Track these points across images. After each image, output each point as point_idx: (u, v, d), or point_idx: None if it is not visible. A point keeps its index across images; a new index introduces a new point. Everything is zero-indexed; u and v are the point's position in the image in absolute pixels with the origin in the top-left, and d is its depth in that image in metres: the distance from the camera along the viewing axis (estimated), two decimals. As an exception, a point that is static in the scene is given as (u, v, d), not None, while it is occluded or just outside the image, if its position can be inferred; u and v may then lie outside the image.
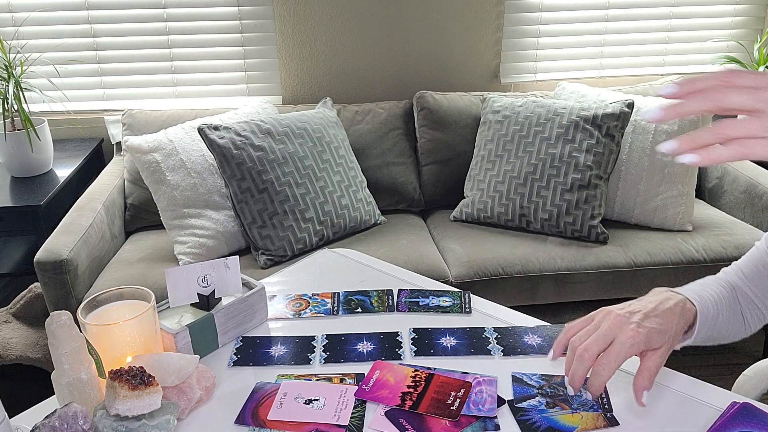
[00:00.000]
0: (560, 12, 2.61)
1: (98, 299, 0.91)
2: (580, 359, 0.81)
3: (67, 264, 1.84)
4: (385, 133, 2.39)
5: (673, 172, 2.14)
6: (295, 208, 2.01)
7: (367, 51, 2.59)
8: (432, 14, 2.56)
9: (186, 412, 0.86)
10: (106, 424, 0.78)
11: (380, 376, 0.93)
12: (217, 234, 2.03)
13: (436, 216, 2.37)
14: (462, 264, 2.01)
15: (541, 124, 2.14)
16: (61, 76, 2.50)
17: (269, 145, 2.03)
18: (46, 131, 2.30)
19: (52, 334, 0.80)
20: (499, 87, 2.70)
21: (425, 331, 1.04)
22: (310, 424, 0.84)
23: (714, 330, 0.91)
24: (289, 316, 1.10)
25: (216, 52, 2.53)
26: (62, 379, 0.82)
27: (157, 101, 2.57)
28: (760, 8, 2.70)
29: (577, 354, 0.82)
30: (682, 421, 0.84)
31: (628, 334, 0.80)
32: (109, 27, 2.45)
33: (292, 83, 2.61)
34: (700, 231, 2.14)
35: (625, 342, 0.80)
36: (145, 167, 2.06)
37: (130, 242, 2.21)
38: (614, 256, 2.03)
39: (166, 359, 0.86)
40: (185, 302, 0.99)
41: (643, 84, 2.54)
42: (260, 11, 2.48)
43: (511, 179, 2.14)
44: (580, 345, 0.82)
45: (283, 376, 0.94)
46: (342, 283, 1.19)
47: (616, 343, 0.81)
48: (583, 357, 0.81)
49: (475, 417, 0.85)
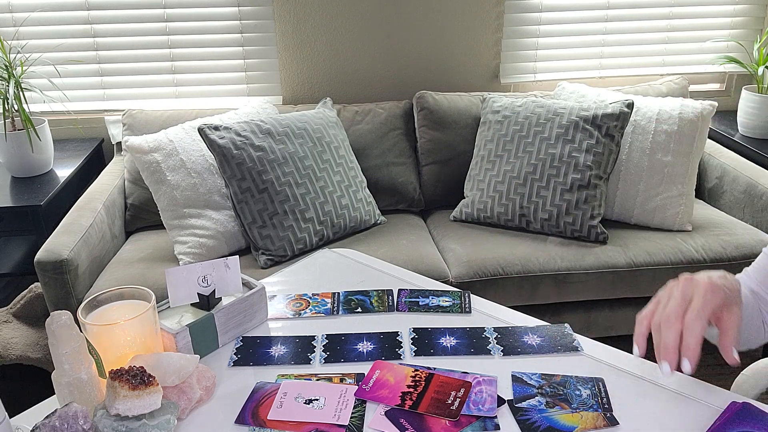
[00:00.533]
0: (560, 12, 2.61)
1: (98, 299, 0.91)
2: (668, 324, 0.78)
3: (67, 264, 1.84)
4: (385, 133, 2.39)
5: (673, 172, 2.14)
6: (295, 208, 2.01)
7: (367, 51, 2.59)
8: (432, 14, 2.56)
9: (186, 411, 0.86)
10: (107, 423, 0.78)
11: (380, 376, 0.93)
12: (217, 234, 2.03)
13: (436, 216, 2.37)
14: (462, 264, 2.02)
15: (540, 124, 2.14)
16: (62, 76, 2.50)
17: (269, 145, 2.03)
18: (46, 131, 2.30)
19: (52, 334, 0.80)
20: (499, 87, 2.70)
21: (425, 331, 1.04)
22: (310, 423, 0.84)
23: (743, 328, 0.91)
24: (289, 316, 1.10)
25: (216, 53, 2.53)
26: (62, 379, 0.82)
27: (157, 101, 2.57)
28: (760, 8, 2.70)
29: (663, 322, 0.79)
30: (682, 421, 0.84)
31: (705, 287, 0.79)
32: (110, 27, 2.46)
33: (292, 83, 2.61)
34: (700, 231, 2.14)
35: (706, 291, 0.79)
36: (145, 167, 2.06)
37: (131, 242, 2.21)
38: (614, 256, 2.03)
39: (166, 359, 0.86)
40: (185, 302, 1.00)
41: (643, 84, 2.54)
42: (260, 11, 2.49)
43: (511, 179, 2.14)
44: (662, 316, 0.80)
45: (283, 376, 0.94)
46: (342, 283, 1.20)
47: (696, 296, 0.79)
48: (669, 321, 0.79)
49: (475, 417, 0.85)
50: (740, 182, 2.26)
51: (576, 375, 0.93)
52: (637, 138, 2.17)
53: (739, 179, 2.27)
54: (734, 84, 2.84)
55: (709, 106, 2.15)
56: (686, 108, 2.16)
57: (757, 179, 2.21)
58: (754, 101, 2.50)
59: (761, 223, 2.17)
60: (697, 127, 2.14)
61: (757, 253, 2.00)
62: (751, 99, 2.51)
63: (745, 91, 2.55)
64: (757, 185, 2.19)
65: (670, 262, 2.03)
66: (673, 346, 0.78)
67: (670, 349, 0.78)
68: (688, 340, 0.77)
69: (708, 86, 2.85)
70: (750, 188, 2.22)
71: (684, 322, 0.78)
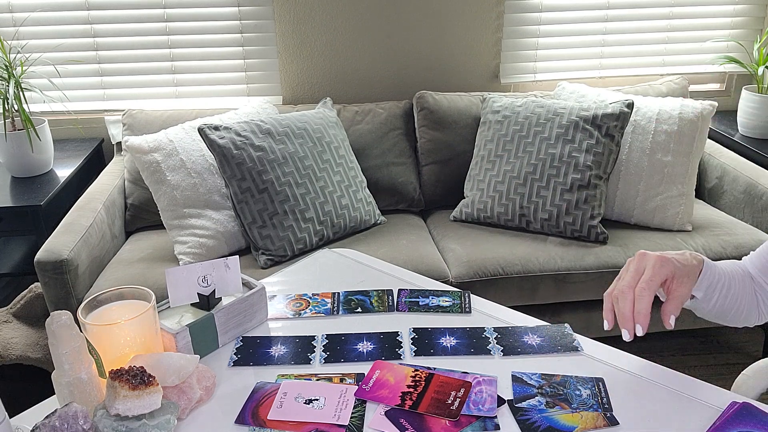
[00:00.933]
0: (560, 12, 2.61)
1: (98, 299, 0.91)
2: (623, 296, 0.88)
3: (67, 264, 1.84)
4: (385, 133, 2.39)
5: (673, 173, 2.14)
6: (295, 208, 2.01)
7: (367, 51, 2.59)
8: (432, 14, 2.56)
9: (186, 411, 0.86)
10: (107, 423, 0.78)
11: (380, 376, 0.93)
12: (217, 234, 2.03)
13: (436, 216, 2.37)
14: (462, 264, 2.02)
15: (540, 124, 2.14)
16: (62, 76, 2.50)
17: (269, 145, 2.03)
18: (46, 131, 2.30)
19: (52, 334, 0.80)
20: (499, 87, 2.70)
21: (425, 331, 1.04)
22: (310, 423, 0.84)
23: (726, 300, 0.95)
24: (289, 316, 1.10)
25: (216, 53, 2.53)
26: (62, 379, 0.82)
27: (157, 101, 2.57)
28: (760, 8, 2.70)
29: (619, 294, 0.88)
30: (682, 421, 0.84)
31: (655, 259, 0.88)
32: (110, 27, 2.46)
33: (292, 83, 2.61)
34: (700, 231, 2.14)
35: (655, 263, 0.88)
36: (145, 167, 2.06)
37: (131, 242, 2.21)
38: (614, 256, 2.03)
39: (166, 359, 0.86)
40: (185, 302, 1.00)
41: (643, 84, 2.54)
42: (260, 11, 2.49)
43: (510, 179, 2.14)
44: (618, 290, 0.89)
45: (283, 376, 0.94)
46: (342, 283, 1.20)
47: (647, 268, 0.88)
48: (623, 292, 0.88)
49: (475, 417, 0.85)
50: (740, 182, 2.26)
51: (576, 375, 0.93)
52: (637, 138, 2.17)
53: (739, 179, 2.27)
54: (734, 84, 2.84)
55: (709, 106, 2.15)
56: (686, 108, 2.16)
57: (757, 179, 2.21)
58: (754, 101, 2.50)
59: (761, 223, 2.17)
60: (697, 127, 2.14)
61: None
62: (751, 99, 2.51)
63: (745, 91, 2.55)
64: (757, 185, 2.19)
65: (670, 262, 2.02)
66: (629, 315, 0.87)
67: (627, 317, 0.87)
68: (638, 307, 0.86)
69: (708, 86, 2.85)
70: (750, 188, 2.22)
71: (635, 291, 0.87)
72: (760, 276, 1.00)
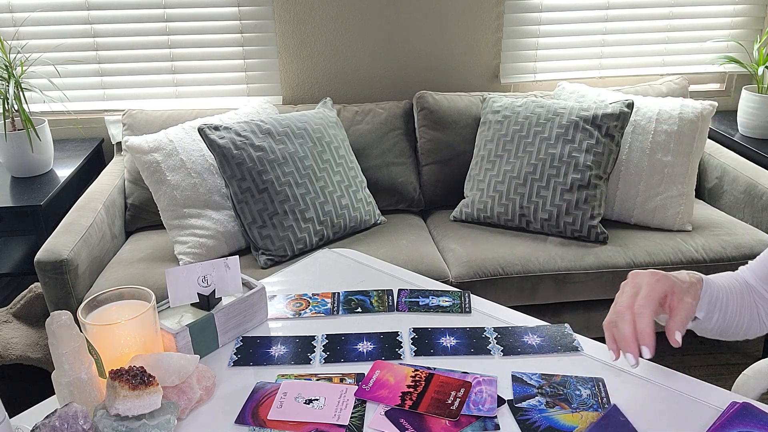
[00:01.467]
0: (560, 12, 2.61)
1: (98, 299, 0.91)
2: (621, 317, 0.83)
3: (67, 264, 1.84)
4: (385, 133, 2.39)
5: (673, 173, 2.14)
6: (295, 208, 2.01)
7: (367, 51, 2.59)
8: (432, 14, 2.56)
9: (186, 411, 0.86)
10: (107, 423, 0.78)
11: (380, 376, 0.93)
12: (217, 234, 2.03)
13: (436, 216, 2.37)
14: (462, 264, 2.02)
15: (540, 124, 2.14)
16: (62, 76, 2.50)
17: (269, 145, 2.03)
18: (46, 131, 2.30)
19: (52, 334, 0.80)
20: (499, 87, 2.70)
21: (425, 331, 1.04)
22: (310, 423, 0.84)
23: (726, 316, 0.93)
24: (289, 316, 1.10)
25: (216, 53, 2.53)
26: (62, 379, 0.82)
27: (157, 101, 2.57)
28: (760, 8, 2.70)
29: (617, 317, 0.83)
30: (682, 421, 0.84)
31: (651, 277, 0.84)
32: (110, 27, 2.46)
33: (292, 83, 2.61)
34: (700, 231, 2.14)
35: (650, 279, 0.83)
36: (145, 167, 2.06)
37: (131, 242, 2.21)
38: (614, 256, 2.03)
39: (166, 359, 0.86)
40: (185, 302, 1.00)
41: (643, 84, 2.54)
42: (260, 11, 2.49)
43: (510, 179, 2.14)
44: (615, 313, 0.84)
45: (283, 376, 0.94)
46: (342, 283, 1.20)
47: (643, 286, 0.84)
48: (622, 314, 0.83)
49: (475, 417, 0.85)
50: (740, 182, 2.26)
51: (576, 375, 0.93)
52: (637, 138, 2.17)
53: (739, 179, 2.27)
54: (734, 84, 2.84)
55: (709, 106, 2.15)
56: (686, 108, 2.16)
57: (757, 179, 2.21)
58: (754, 101, 2.50)
59: (761, 223, 2.17)
60: (697, 127, 2.14)
61: (757, 252, 2.00)
62: (751, 99, 2.51)
63: (745, 91, 2.55)
64: (757, 185, 2.19)
65: (670, 262, 2.03)
66: (630, 337, 0.82)
67: (628, 339, 0.82)
68: (639, 326, 0.81)
69: (708, 86, 2.85)
70: (750, 188, 2.22)
71: (633, 311, 0.83)
72: (760, 285, 0.97)
